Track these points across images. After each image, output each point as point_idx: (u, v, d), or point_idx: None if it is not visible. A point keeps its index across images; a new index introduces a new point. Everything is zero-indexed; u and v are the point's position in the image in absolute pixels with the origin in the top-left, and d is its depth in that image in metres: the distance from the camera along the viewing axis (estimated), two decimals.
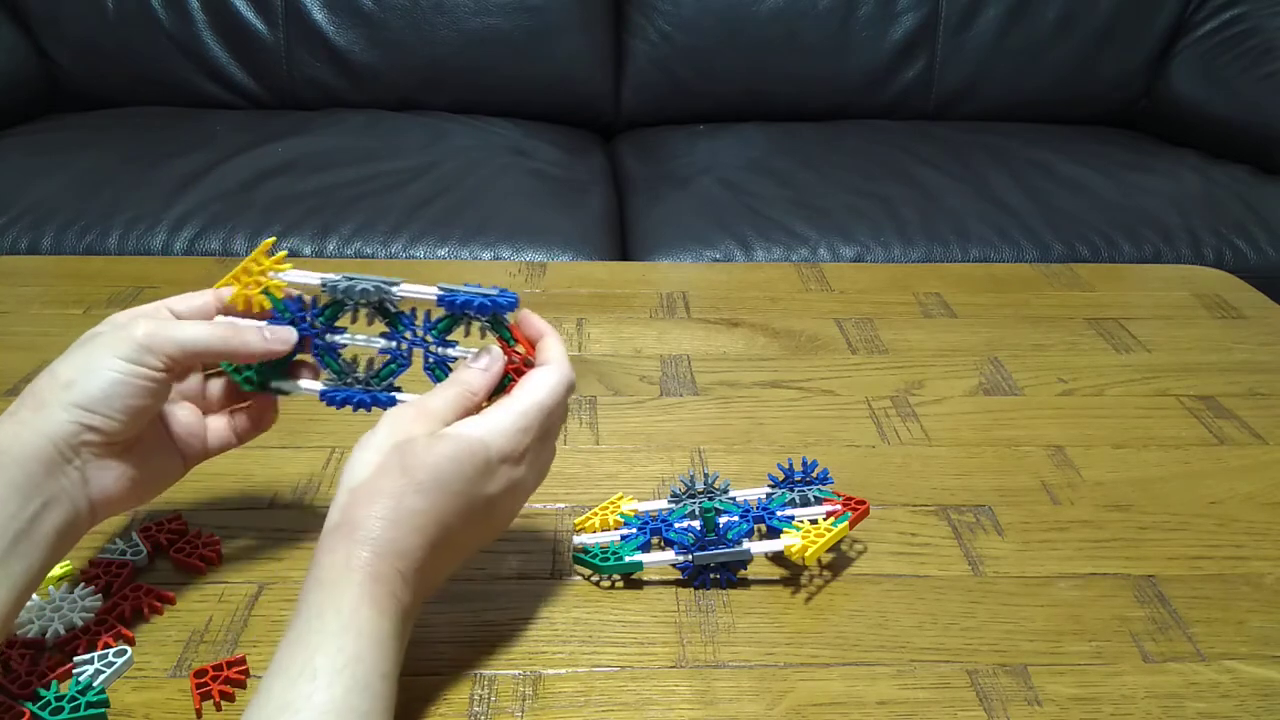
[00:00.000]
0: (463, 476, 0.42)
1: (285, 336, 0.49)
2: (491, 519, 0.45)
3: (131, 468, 0.45)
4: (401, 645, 0.41)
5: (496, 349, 0.49)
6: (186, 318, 0.47)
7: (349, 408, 0.50)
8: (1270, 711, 0.46)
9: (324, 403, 0.50)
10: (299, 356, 0.51)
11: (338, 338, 0.50)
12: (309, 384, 0.51)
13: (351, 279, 0.49)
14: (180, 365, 0.45)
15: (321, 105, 1.61)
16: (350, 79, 1.61)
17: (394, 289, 0.49)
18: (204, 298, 0.49)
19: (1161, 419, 0.70)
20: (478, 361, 0.48)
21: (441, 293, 0.48)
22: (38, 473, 0.41)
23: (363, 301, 0.49)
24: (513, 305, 0.48)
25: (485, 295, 0.48)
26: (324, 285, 0.49)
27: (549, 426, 0.46)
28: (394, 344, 0.50)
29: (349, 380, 0.51)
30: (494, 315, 0.48)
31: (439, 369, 0.50)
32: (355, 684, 0.36)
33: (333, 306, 0.50)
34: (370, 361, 0.51)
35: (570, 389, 0.47)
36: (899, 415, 0.69)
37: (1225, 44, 1.62)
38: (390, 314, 0.50)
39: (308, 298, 0.51)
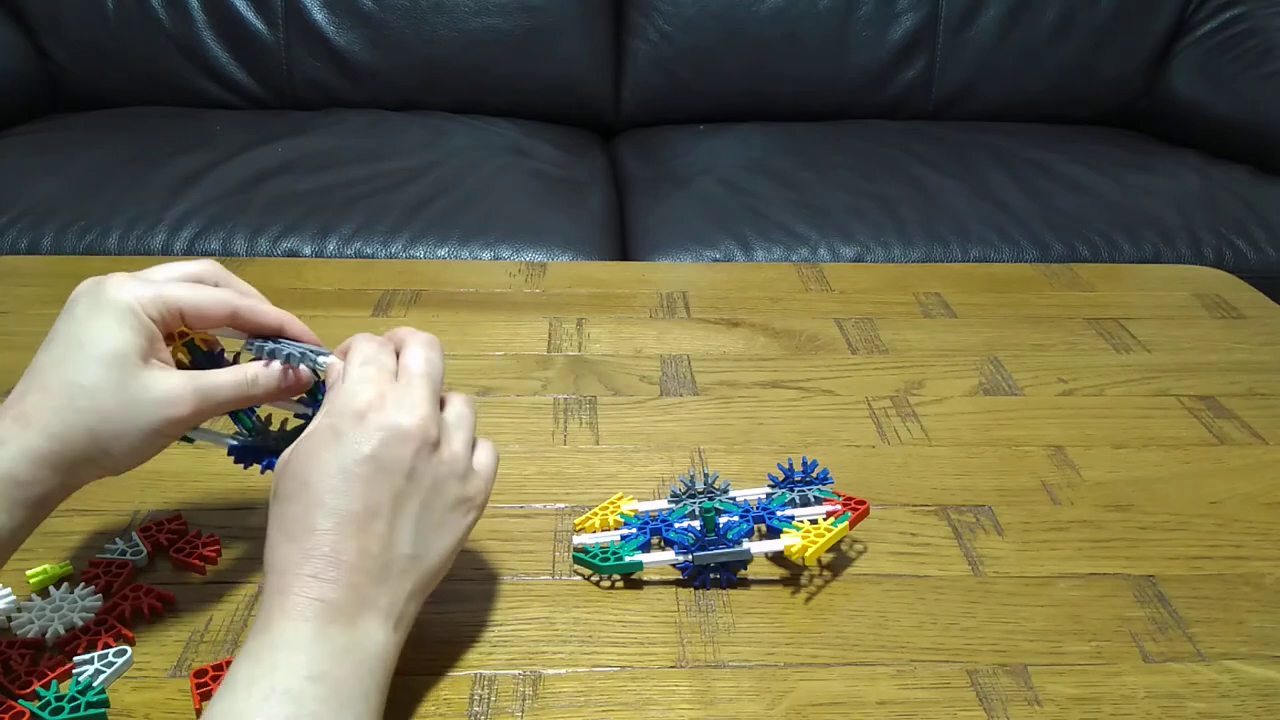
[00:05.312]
0: (301, 457, 0.42)
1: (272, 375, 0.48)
2: (380, 469, 0.42)
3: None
4: (342, 640, 0.40)
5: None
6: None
7: (257, 467, 0.50)
8: (1270, 711, 0.46)
9: (231, 458, 0.50)
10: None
11: None
12: (221, 436, 0.50)
13: (279, 343, 0.48)
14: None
15: (321, 105, 1.62)
16: (350, 79, 1.61)
17: (320, 359, 0.48)
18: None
19: (1161, 419, 0.70)
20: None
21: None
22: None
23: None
24: None
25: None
26: (249, 346, 0.48)
27: (371, 357, 0.45)
28: (309, 411, 0.49)
29: (260, 440, 0.50)
30: None
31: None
32: (272, 691, 0.37)
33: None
34: (284, 422, 0.51)
35: (371, 343, 0.46)
36: (899, 415, 0.69)
37: (1225, 44, 1.62)
38: (314, 382, 0.49)
39: (229, 355, 0.50)
